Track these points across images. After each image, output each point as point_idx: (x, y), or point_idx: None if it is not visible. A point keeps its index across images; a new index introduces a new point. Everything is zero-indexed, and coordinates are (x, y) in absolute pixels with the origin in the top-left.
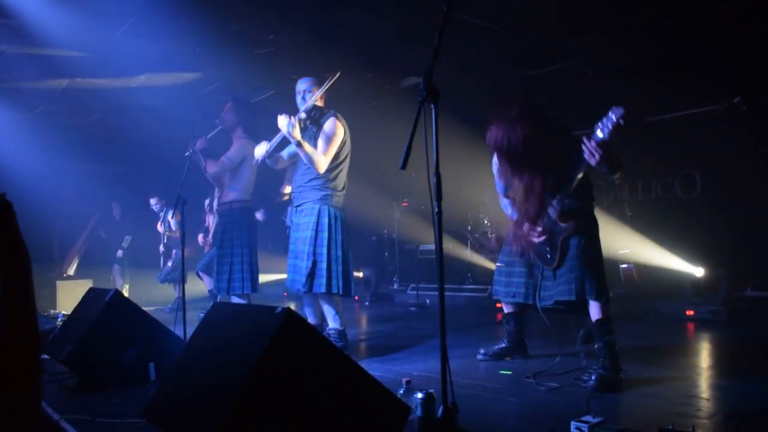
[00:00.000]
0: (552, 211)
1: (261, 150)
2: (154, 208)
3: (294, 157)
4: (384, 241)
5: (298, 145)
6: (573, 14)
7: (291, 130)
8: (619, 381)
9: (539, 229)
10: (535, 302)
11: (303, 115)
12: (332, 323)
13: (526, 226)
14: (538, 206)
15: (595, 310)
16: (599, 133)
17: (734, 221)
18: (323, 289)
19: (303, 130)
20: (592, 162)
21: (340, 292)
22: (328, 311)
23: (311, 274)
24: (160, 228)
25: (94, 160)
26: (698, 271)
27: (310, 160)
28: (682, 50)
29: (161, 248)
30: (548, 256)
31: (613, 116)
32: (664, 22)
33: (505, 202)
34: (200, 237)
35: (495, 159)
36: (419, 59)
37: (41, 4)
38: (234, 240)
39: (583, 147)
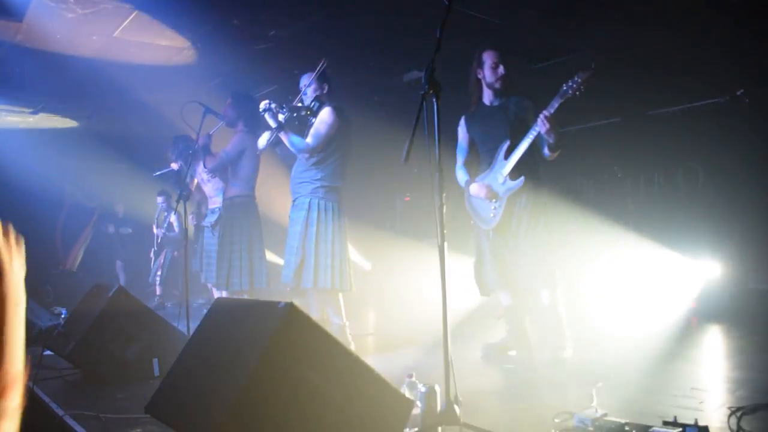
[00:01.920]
0: (500, 170)
1: (262, 140)
2: (161, 206)
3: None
4: (386, 235)
5: (277, 129)
6: (575, 6)
7: (264, 114)
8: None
9: (485, 187)
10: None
11: (299, 105)
12: (333, 317)
13: (473, 186)
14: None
15: (545, 298)
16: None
17: (737, 214)
18: (310, 284)
19: (300, 121)
20: (543, 129)
21: (327, 286)
22: (328, 305)
23: (299, 269)
24: (156, 231)
25: (96, 157)
26: (701, 265)
27: (292, 144)
28: (685, 42)
29: (154, 252)
30: (491, 214)
31: (578, 78)
32: (667, 14)
33: (462, 174)
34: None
35: (463, 121)
36: (421, 53)
37: (42, 0)
38: (234, 236)
39: (539, 117)
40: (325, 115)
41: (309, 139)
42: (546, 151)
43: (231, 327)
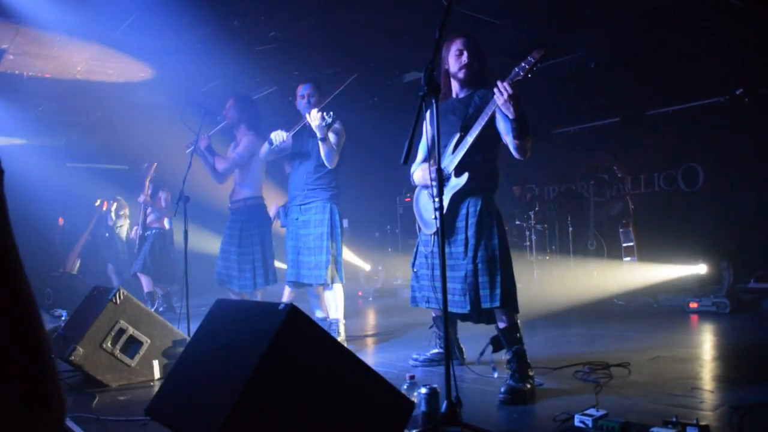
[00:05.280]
0: (446, 166)
1: (281, 136)
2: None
3: (278, 154)
4: (387, 236)
5: (323, 139)
6: (574, 6)
7: (325, 123)
8: (529, 392)
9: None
10: (440, 306)
11: (331, 117)
12: (335, 313)
13: (417, 171)
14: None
15: (499, 317)
16: (516, 72)
17: (737, 213)
18: (342, 280)
19: (311, 132)
20: (500, 100)
21: (343, 282)
22: (334, 301)
23: (333, 267)
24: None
25: (96, 159)
26: (701, 268)
27: (331, 154)
28: (684, 42)
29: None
30: (433, 216)
31: (531, 58)
32: (666, 13)
33: (420, 174)
34: (134, 231)
35: (428, 115)
36: (420, 54)
37: (43, 2)
38: (253, 237)
39: (495, 87)
40: (340, 126)
41: (335, 147)
42: (512, 140)
43: (231, 328)
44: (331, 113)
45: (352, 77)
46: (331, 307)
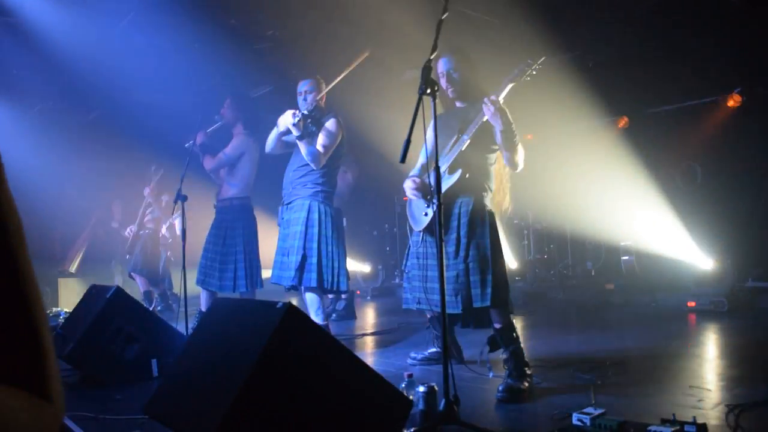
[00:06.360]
0: (443, 163)
1: (287, 119)
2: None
3: (290, 147)
4: (385, 235)
5: (300, 138)
6: (572, 5)
7: (295, 122)
8: (527, 390)
9: (417, 180)
10: (431, 307)
11: (305, 112)
12: (313, 317)
13: (407, 181)
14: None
15: (493, 317)
16: (515, 73)
17: (735, 212)
18: (314, 284)
19: (304, 127)
20: (489, 114)
21: (332, 287)
22: (311, 305)
23: (301, 268)
24: (165, 231)
25: (94, 158)
26: (703, 263)
27: (313, 154)
28: (683, 41)
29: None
30: (424, 213)
31: (530, 61)
32: (664, 12)
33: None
34: (128, 230)
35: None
36: (419, 52)
37: (41, 1)
38: (236, 238)
39: (484, 104)
40: (334, 124)
41: (320, 148)
42: (503, 151)
43: (229, 327)
44: (302, 112)
45: (363, 56)
46: (310, 309)
